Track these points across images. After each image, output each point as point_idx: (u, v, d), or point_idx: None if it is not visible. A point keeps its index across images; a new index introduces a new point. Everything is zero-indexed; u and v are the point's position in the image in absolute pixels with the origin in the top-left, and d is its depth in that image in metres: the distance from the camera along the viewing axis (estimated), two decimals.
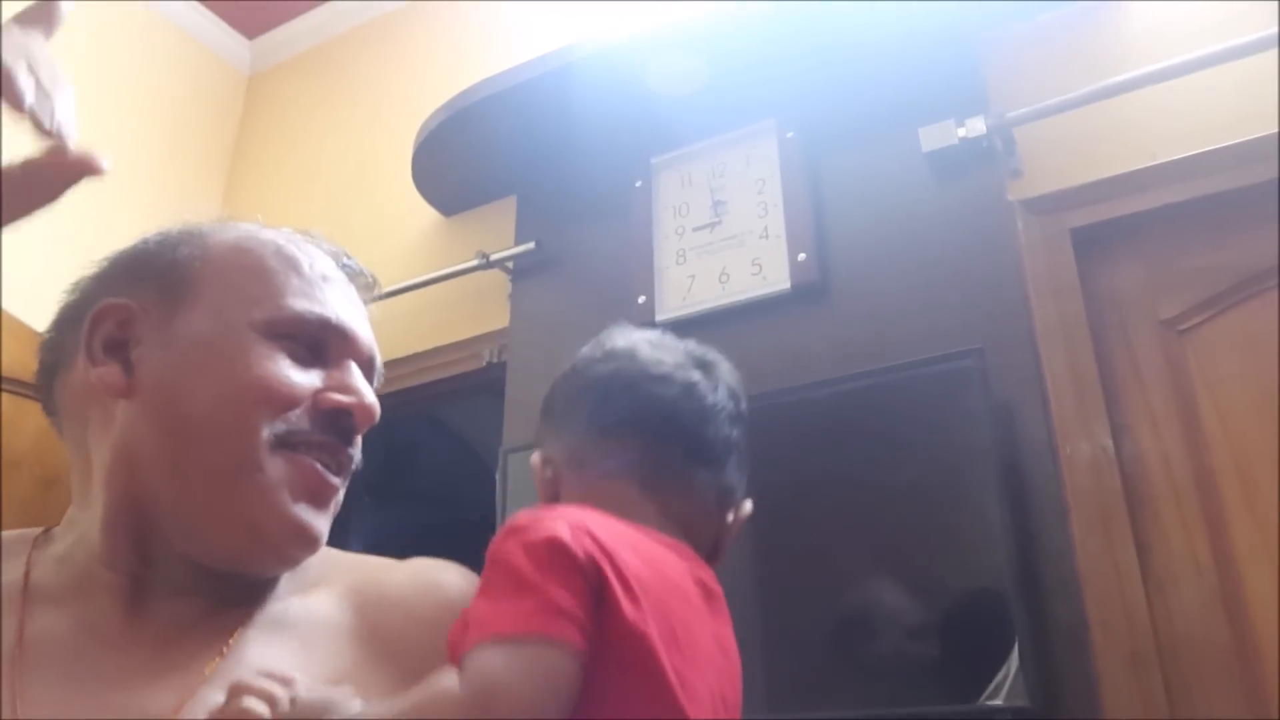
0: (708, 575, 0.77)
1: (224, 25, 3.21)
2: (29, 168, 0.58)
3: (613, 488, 0.78)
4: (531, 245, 2.24)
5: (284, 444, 0.67)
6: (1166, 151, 1.68)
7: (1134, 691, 1.41)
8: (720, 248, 2.01)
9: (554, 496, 0.81)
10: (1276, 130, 1.58)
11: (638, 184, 2.16)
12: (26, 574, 0.68)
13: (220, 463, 0.65)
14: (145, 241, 0.74)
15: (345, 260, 0.78)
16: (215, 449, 0.65)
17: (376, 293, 0.80)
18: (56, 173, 0.58)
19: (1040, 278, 1.70)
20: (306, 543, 0.68)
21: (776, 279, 1.91)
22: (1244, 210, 1.62)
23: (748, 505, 0.84)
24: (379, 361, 0.77)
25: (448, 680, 0.62)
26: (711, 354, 0.86)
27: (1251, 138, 1.61)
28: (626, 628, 0.64)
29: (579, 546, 0.65)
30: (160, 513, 0.66)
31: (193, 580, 0.67)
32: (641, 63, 2.06)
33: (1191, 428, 1.59)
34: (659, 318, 1.99)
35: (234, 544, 0.66)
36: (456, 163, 2.38)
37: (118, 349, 0.69)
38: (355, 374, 0.71)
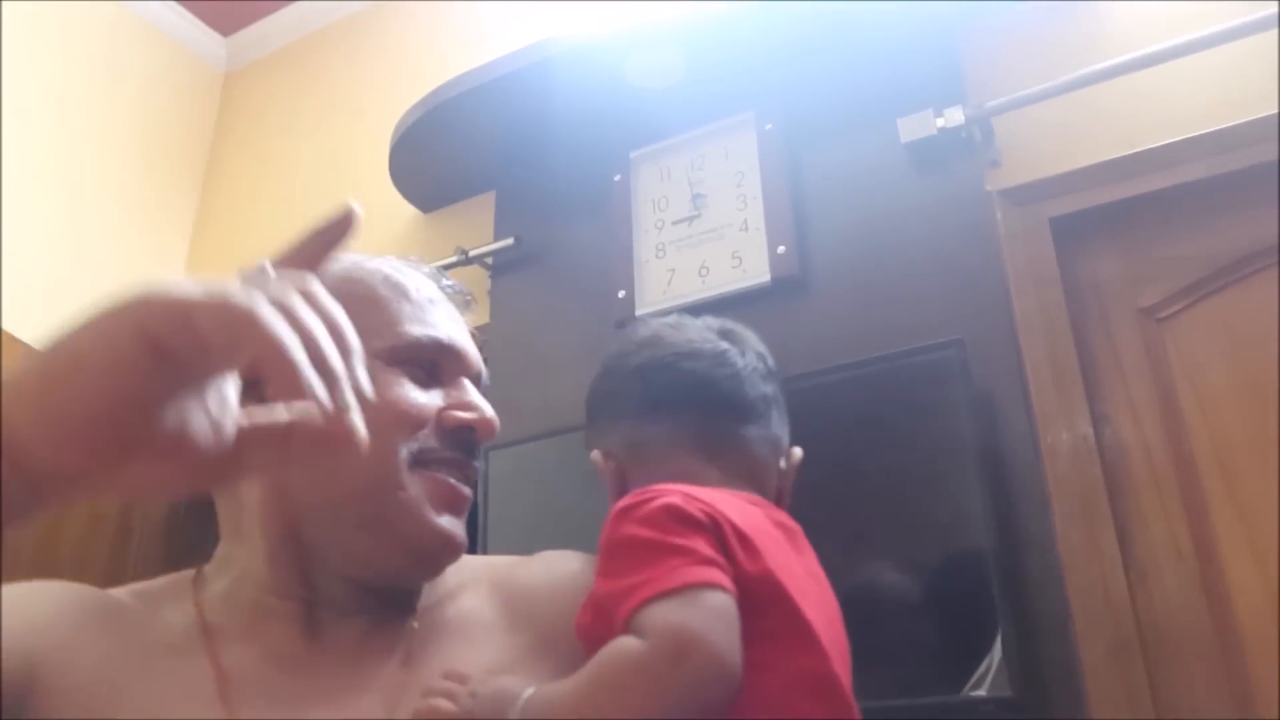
0: (784, 516, 0.81)
1: (198, 22, 3.18)
2: (268, 433, 0.45)
3: (675, 461, 0.82)
4: (510, 241, 2.22)
5: (418, 462, 0.71)
6: (1144, 140, 1.68)
7: (1117, 679, 1.41)
8: (700, 241, 2.00)
9: (622, 486, 0.84)
10: (1257, 116, 1.58)
11: (616, 178, 2.15)
12: (200, 616, 0.71)
13: (366, 485, 0.70)
14: None
15: (444, 281, 0.82)
16: (360, 474, 0.69)
17: (474, 309, 0.84)
18: (304, 442, 0.45)
19: (1020, 267, 1.70)
20: (453, 550, 0.73)
21: (756, 272, 1.90)
22: (1222, 197, 1.62)
23: (797, 451, 0.89)
24: (486, 374, 0.81)
25: (624, 644, 0.63)
26: (730, 323, 0.92)
27: (1229, 125, 1.61)
28: (753, 572, 0.68)
29: (693, 507, 0.69)
30: (317, 539, 0.71)
31: (355, 599, 0.73)
32: (619, 56, 2.04)
33: (1171, 415, 1.59)
34: (639, 312, 1.98)
35: (390, 558, 0.71)
36: (434, 159, 2.36)
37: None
38: (472, 391, 0.76)
